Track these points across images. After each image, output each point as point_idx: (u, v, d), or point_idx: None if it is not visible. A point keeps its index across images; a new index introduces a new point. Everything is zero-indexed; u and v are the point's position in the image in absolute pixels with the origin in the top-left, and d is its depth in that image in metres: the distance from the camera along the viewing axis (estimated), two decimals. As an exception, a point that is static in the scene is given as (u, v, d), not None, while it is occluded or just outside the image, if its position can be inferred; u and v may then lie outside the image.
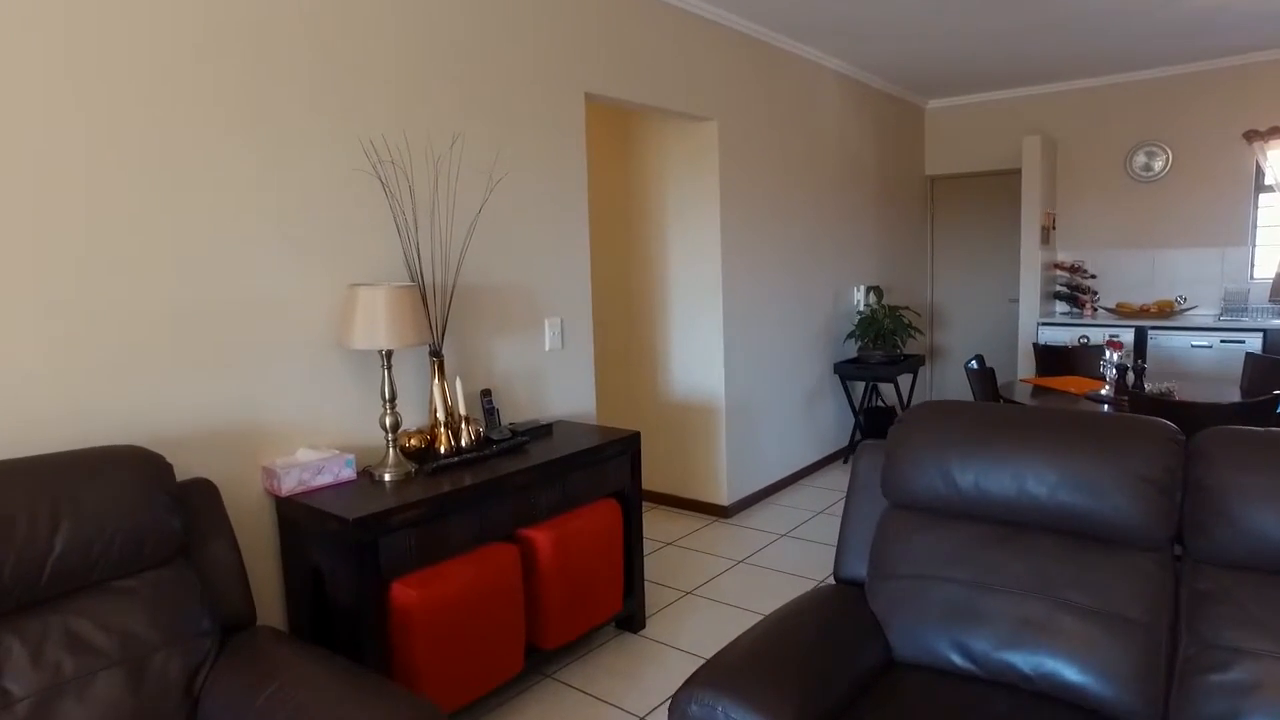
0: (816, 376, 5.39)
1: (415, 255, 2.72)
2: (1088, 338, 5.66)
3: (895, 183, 6.36)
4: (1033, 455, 1.89)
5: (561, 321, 3.36)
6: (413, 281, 2.71)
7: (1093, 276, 6.13)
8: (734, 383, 4.53)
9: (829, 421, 5.59)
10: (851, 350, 5.78)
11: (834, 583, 2.24)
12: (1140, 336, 5.45)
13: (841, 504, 4.74)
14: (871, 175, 5.97)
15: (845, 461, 5.66)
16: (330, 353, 2.54)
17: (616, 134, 4.70)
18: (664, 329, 4.65)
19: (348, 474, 2.47)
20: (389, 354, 2.49)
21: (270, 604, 2.44)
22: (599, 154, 4.81)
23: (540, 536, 2.68)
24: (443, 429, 2.68)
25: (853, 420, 5.87)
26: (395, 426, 2.52)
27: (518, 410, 3.20)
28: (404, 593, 2.25)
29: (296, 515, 2.33)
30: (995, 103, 6.53)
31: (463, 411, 2.73)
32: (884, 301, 5.62)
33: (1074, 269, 6.16)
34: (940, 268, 7.09)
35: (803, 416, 5.25)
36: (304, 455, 2.44)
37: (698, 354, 4.52)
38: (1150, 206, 5.90)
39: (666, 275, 4.59)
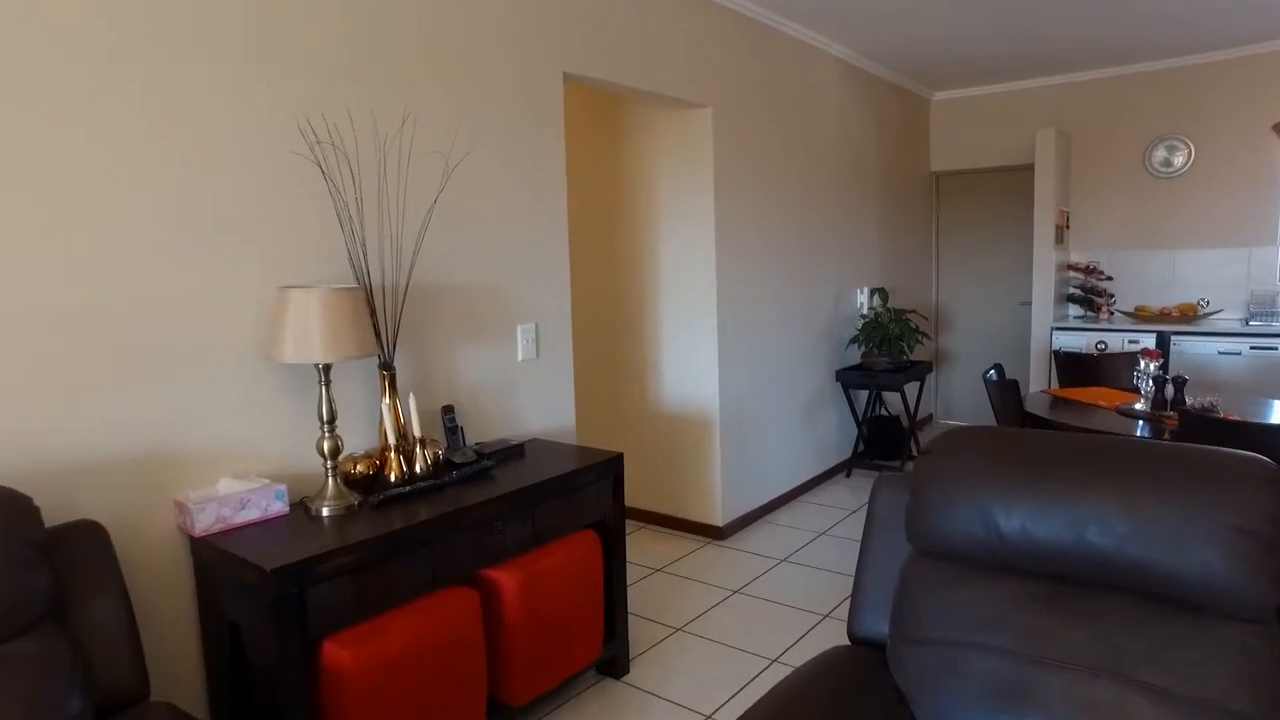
0: (817, 384, 5.04)
1: (360, 252, 2.36)
2: (1105, 344, 5.33)
3: (899, 179, 6.02)
4: (1095, 497, 1.54)
5: (536, 327, 3.01)
6: (358, 283, 2.35)
7: (1109, 278, 5.79)
8: (729, 392, 4.18)
9: (830, 432, 5.24)
10: (854, 356, 5.44)
11: (847, 641, 1.89)
12: (1163, 342, 5.10)
13: (845, 524, 4.39)
14: (875, 171, 5.63)
15: (848, 475, 5.31)
16: (261, 366, 2.18)
17: (602, 121, 4.35)
18: (653, 334, 4.30)
19: (278, 508, 2.12)
20: (326, 368, 2.14)
21: (186, 670, 2.08)
22: (581, 142, 4.46)
23: (506, 578, 2.32)
24: (393, 453, 2.32)
25: (855, 431, 5.52)
26: (335, 452, 2.16)
27: (486, 428, 2.85)
28: (337, 653, 1.90)
29: (212, 560, 1.97)
30: (1005, 95, 6.19)
31: (417, 432, 2.38)
32: (889, 304, 5.28)
33: (1089, 270, 5.82)
34: (945, 269, 6.75)
35: (802, 428, 4.91)
36: (226, 487, 2.08)
37: (690, 361, 4.17)
38: (1170, 204, 5.57)
39: (656, 275, 4.24)
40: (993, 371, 3.56)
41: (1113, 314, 5.68)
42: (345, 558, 1.92)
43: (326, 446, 2.15)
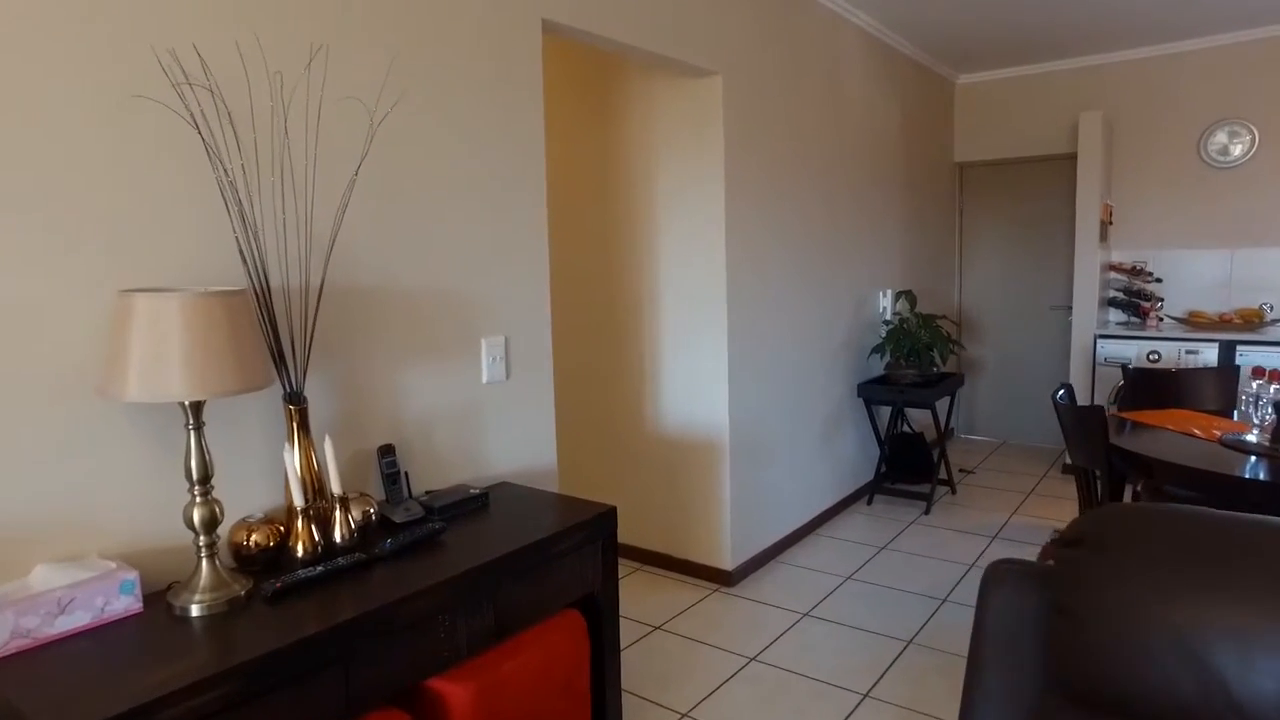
0: (836, 401, 4.42)
1: (252, 241, 1.72)
2: (1158, 354, 4.73)
3: (923, 170, 5.41)
4: None
5: (506, 341, 2.37)
6: (253, 282, 1.71)
7: (1157, 280, 5.20)
8: (740, 413, 3.56)
9: (849, 454, 4.63)
10: (876, 367, 4.82)
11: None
12: (1226, 352, 4.51)
13: (873, 566, 3.77)
14: (899, 161, 5.02)
15: (869, 502, 4.70)
16: (102, 403, 1.54)
17: (589, 90, 3.72)
18: (653, 344, 3.67)
19: (123, 606, 1.48)
20: (195, 408, 1.50)
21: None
22: (564, 116, 3.82)
23: (456, 693, 1.69)
24: (301, 519, 1.68)
25: (877, 451, 4.91)
26: (210, 523, 1.53)
27: (440, 471, 2.21)
28: (187, 844, 1.26)
29: None
30: (1036, 77, 5.59)
31: (336, 488, 1.74)
32: (917, 309, 4.67)
33: (1134, 271, 5.22)
34: (969, 270, 6.15)
35: (820, 451, 4.29)
36: (42, 578, 1.44)
37: (695, 377, 3.54)
38: (1229, 197, 4.98)
39: (656, 275, 3.61)
40: (1062, 392, 2.94)
41: (1161, 320, 5.08)
42: (207, 695, 1.29)
43: (197, 516, 1.51)
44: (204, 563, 1.53)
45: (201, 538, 1.52)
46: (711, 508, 3.58)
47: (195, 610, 1.48)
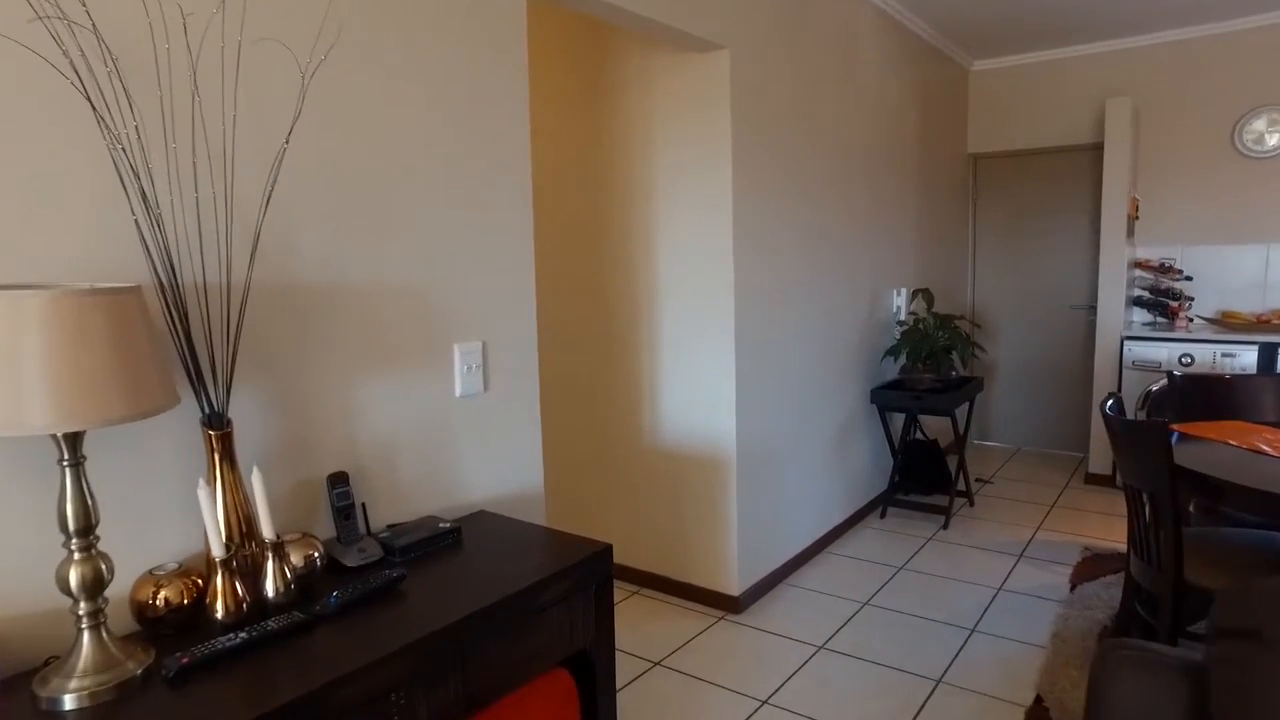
0: (849, 407, 4.11)
1: (156, 227, 1.38)
2: (1191, 357, 4.42)
3: (936, 162, 5.09)
4: None
5: (484, 347, 2.04)
6: (158, 279, 1.38)
7: (1187, 278, 4.89)
8: (749, 422, 3.24)
9: (862, 464, 4.31)
10: (890, 370, 4.51)
11: None
12: (1268, 356, 4.21)
13: (891, 590, 3.45)
14: (913, 151, 4.70)
15: (882, 515, 4.38)
16: (-41, 429, 1.20)
17: (584, 65, 3.39)
18: (652, 347, 3.35)
19: (-21, 695, 1.15)
20: (72, 440, 1.17)
21: None
22: (556, 91, 3.49)
23: (412, 789, 1.36)
24: (220, 572, 1.35)
25: (890, 460, 4.59)
26: (94, 584, 1.20)
27: (404, 500, 1.88)
28: None
29: None
30: (1056, 63, 5.27)
31: (269, 530, 1.41)
32: (934, 309, 4.35)
33: (1162, 268, 4.91)
34: (983, 267, 5.83)
35: (832, 462, 3.97)
36: None
37: (699, 383, 3.22)
38: (1265, 188, 4.67)
39: (656, 271, 3.28)
40: (1111, 403, 2.63)
41: (1191, 321, 4.78)
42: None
43: (75, 577, 1.18)
44: (85, 635, 1.20)
45: (82, 604, 1.19)
46: (716, 527, 3.26)
47: (69, 701, 1.15)
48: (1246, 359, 4.26)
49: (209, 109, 1.43)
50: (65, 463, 1.17)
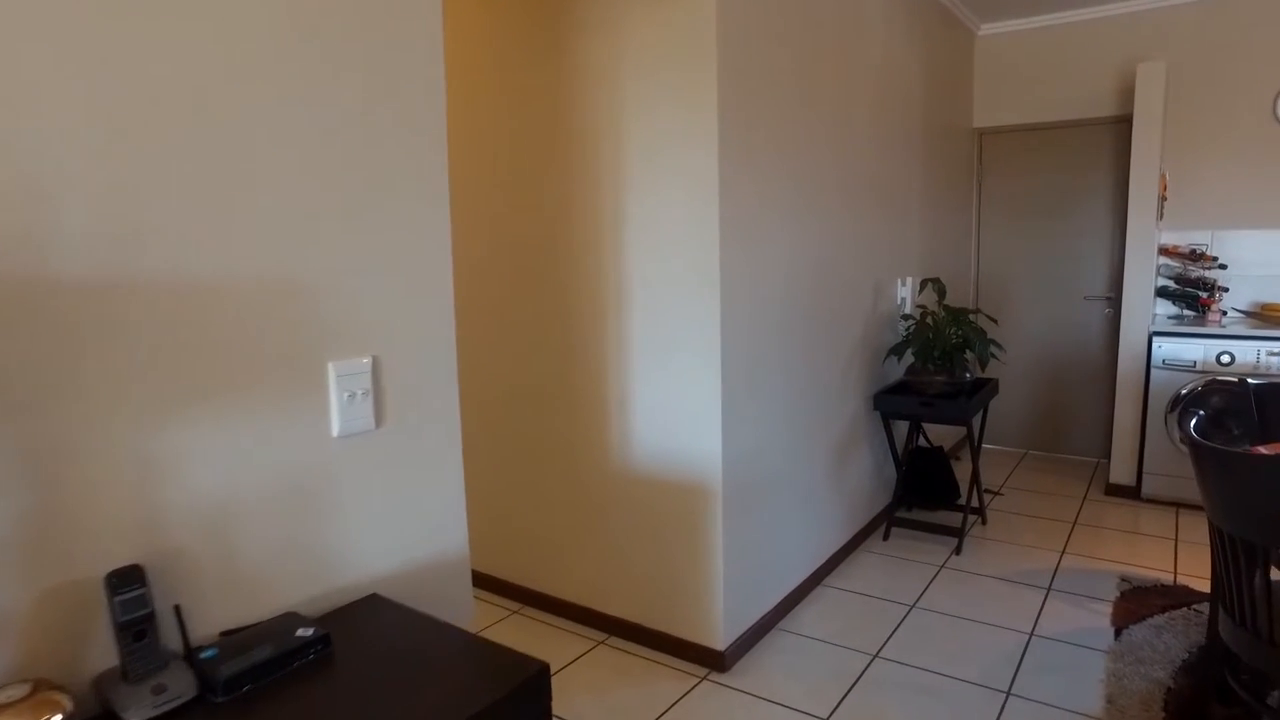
0: (850, 416, 3.56)
1: None
2: (1232, 355, 3.92)
3: (941, 138, 4.55)
4: None
5: (375, 366, 1.46)
6: None
7: (1221, 266, 4.39)
8: (736, 443, 2.68)
9: (863, 481, 3.78)
10: (894, 371, 3.97)
11: None
12: (1321, 356, 3.72)
13: (903, 637, 2.92)
14: (918, 125, 4.15)
15: (885, 537, 3.85)
16: None
17: (538, 10, 2.79)
18: (621, 354, 2.77)
19: None
20: None
21: None
22: (503, 41, 2.89)
23: None
24: None
25: (893, 472, 4.07)
26: None
27: (250, 590, 1.30)
28: None
29: None
30: (1073, 26, 4.74)
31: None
32: (945, 301, 3.81)
33: (1192, 255, 4.41)
34: (988, 253, 5.31)
35: (833, 479, 3.43)
36: None
37: (678, 398, 2.65)
38: (1310, 168, 4.18)
39: (627, 264, 2.71)
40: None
41: (1224, 314, 4.28)
42: None
43: None
44: None
45: None
46: (699, 567, 2.70)
47: None
48: (1295, 358, 3.78)
49: None
50: None
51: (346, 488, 1.42)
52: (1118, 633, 2.87)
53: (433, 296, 1.54)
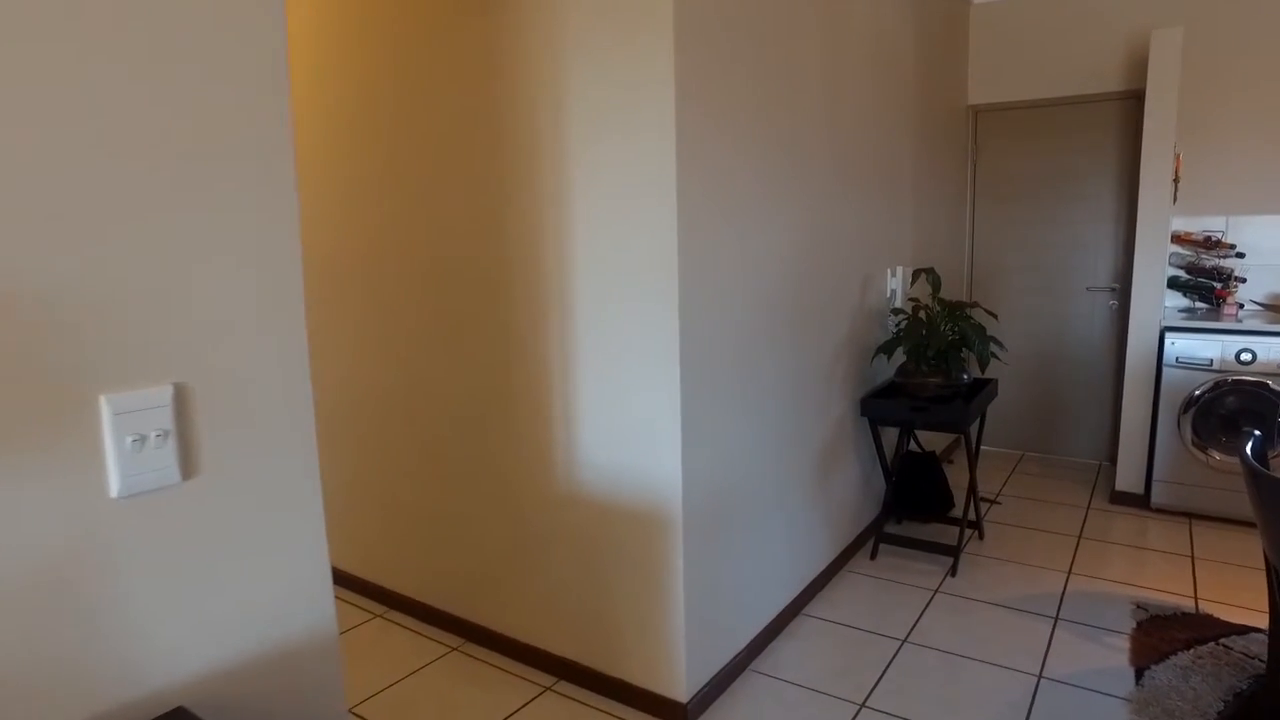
0: (835, 423, 3.19)
1: None
2: (1253, 353, 3.57)
3: (933, 115, 4.16)
4: None
5: (181, 394, 1.06)
6: None
7: (1239, 254, 4.04)
8: (699, 462, 2.30)
9: (849, 490, 3.41)
10: (884, 370, 3.61)
11: None
12: (1353, 355, 3.37)
13: (894, 674, 2.56)
14: (912, 101, 3.76)
15: (873, 556, 3.48)
16: None
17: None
18: (565, 357, 2.38)
19: None
20: None
21: None
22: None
23: None
24: None
25: (882, 483, 3.71)
26: None
27: (-20, 725, 0.90)
28: None
29: None
30: (1081, -7, 4.36)
31: None
32: (941, 294, 3.44)
33: (1207, 243, 4.06)
34: (982, 240, 4.94)
35: (814, 496, 3.06)
36: None
37: (630, 408, 2.27)
38: (1337, 147, 3.83)
39: (570, 254, 2.31)
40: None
41: (1241, 307, 3.94)
42: None
43: None
44: None
45: None
46: (656, 606, 2.32)
47: None
48: (1324, 357, 3.43)
49: None
50: None
51: (135, 567, 1.02)
52: (1139, 674, 2.51)
53: (274, 298, 1.14)
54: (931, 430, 3.25)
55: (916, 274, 3.44)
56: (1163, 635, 2.73)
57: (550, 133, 2.27)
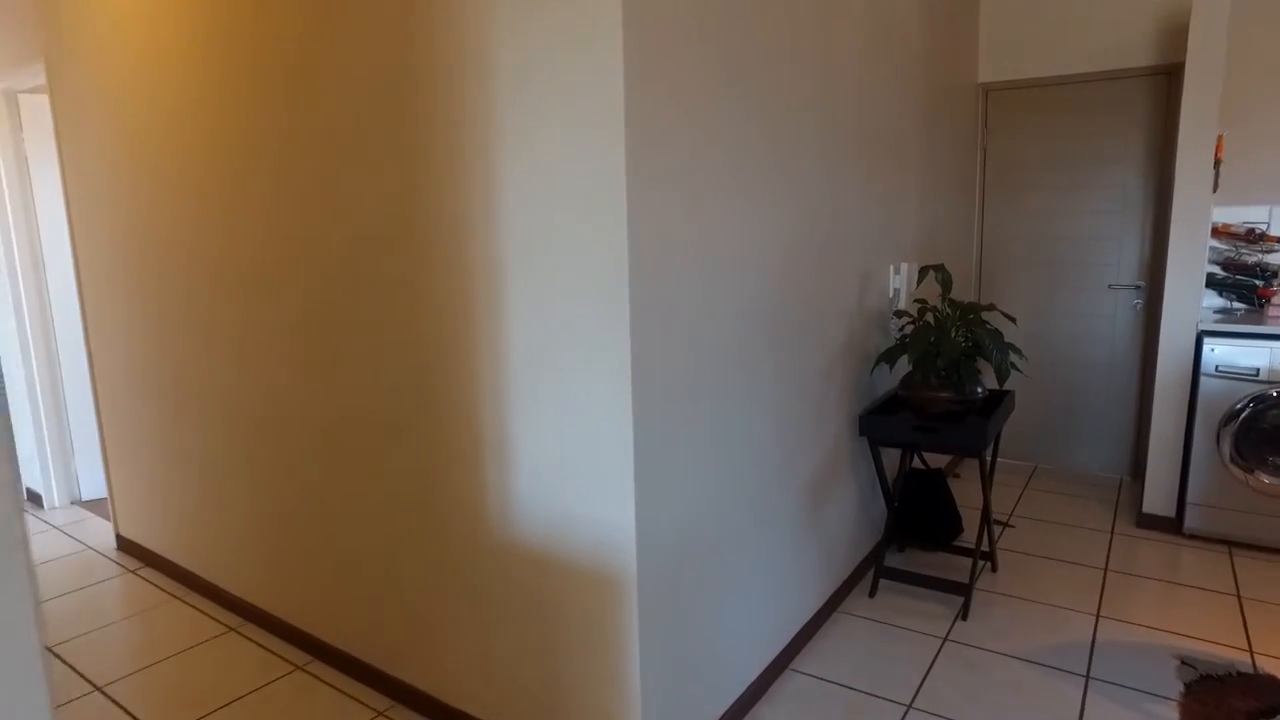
0: (829, 444, 2.75)
1: None
2: (1306, 362, 3.12)
3: (940, 95, 3.71)
4: None
5: None
6: None
7: (1284, 250, 3.60)
8: (657, 507, 1.85)
9: (845, 521, 2.97)
10: (886, 381, 3.16)
11: None
12: None
13: (901, 759, 2.12)
14: (916, 79, 3.31)
15: (871, 594, 3.04)
16: None
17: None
18: (495, 375, 1.93)
19: None
20: None
21: None
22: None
23: None
24: None
25: (883, 509, 3.27)
26: None
27: None
28: None
29: None
30: (1106, -44, 3.91)
31: None
32: (951, 295, 2.99)
33: (1250, 236, 3.61)
34: (993, 231, 4.50)
35: (804, 531, 2.61)
36: None
37: (571, 440, 1.82)
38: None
39: (500, 249, 1.85)
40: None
41: (1286, 308, 3.50)
42: None
43: None
44: None
45: None
46: (605, 674, 1.88)
47: None
48: (1390, 367, 2.99)
49: None
50: None
51: None
52: (1193, 758, 2.08)
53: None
54: (940, 451, 2.81)
55: (923, 271, 2.99)
56: (1220, 703, 2.29)
57: (476, 99, 1.82)
